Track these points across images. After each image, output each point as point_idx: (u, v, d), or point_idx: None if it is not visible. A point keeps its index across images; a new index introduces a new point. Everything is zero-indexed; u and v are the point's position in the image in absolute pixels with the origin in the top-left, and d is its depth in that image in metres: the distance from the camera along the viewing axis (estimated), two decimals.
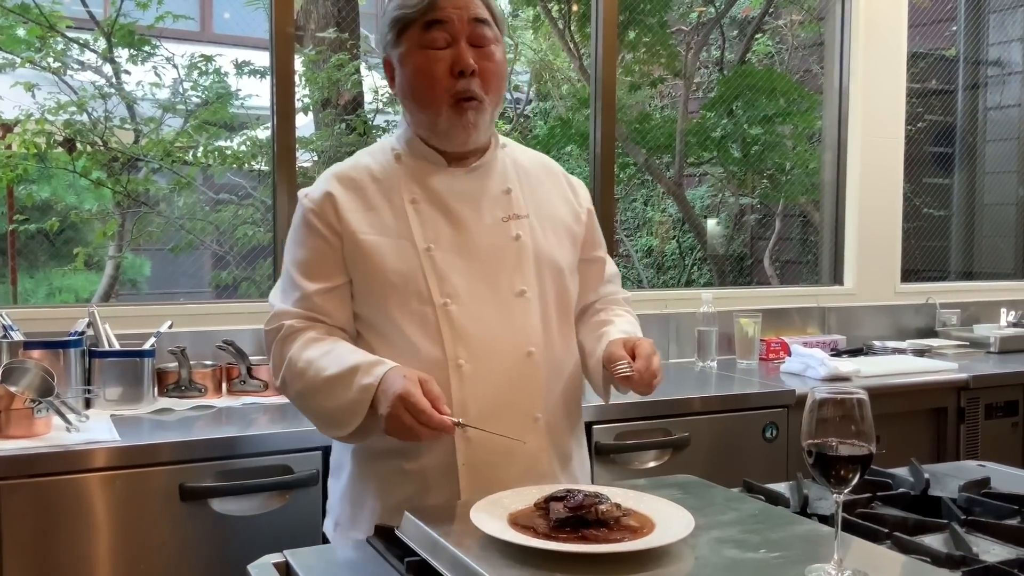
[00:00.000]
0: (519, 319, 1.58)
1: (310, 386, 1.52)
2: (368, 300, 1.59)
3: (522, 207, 1.64)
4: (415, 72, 1.56)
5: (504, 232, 1.61)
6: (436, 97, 1.55)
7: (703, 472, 1.67)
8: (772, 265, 5.60)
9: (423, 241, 1.57)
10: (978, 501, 1.54)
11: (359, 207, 1.59)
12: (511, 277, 1.59)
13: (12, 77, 3.88)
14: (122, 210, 4.11)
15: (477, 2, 1.57)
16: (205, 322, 2.67)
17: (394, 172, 1.62)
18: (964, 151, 5.44)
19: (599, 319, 1.74)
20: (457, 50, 1.54)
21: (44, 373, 2.11)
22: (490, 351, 1.55)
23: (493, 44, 1.58)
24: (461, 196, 1.61)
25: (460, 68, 1.54)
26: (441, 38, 1.55)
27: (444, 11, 1.54)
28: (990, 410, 3.07)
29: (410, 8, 1.55)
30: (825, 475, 1.13)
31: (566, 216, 1.71)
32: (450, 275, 1.56)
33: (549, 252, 1.64)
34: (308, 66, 4.45)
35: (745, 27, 5.76)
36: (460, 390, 1.53)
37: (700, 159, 5.65)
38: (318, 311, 1.58)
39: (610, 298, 1.81)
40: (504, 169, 1.67)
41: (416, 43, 1.56)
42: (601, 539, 1.18)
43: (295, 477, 2.09)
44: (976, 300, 4.00)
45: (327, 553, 1.41)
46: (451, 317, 1.54)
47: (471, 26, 1.55)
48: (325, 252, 1.58)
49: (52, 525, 1.90)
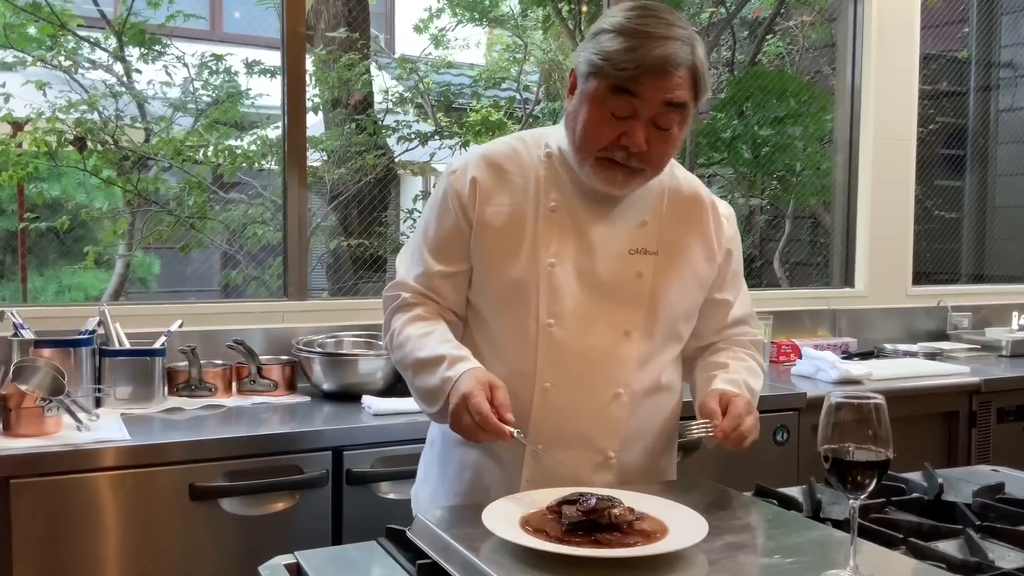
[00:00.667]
0: (617, 358, 1.55)
1: (404, 361, 1.57)
2: (480, 294, 1.60)
3: (653, 243, 1.58)
4: (585, 124, 1.48)
5: (628, 266, 1.57)
6: (588, 151, 1.49)
7: (713, 475, 1.66)
8: (782, 267, 5.58)
9: (548, 255, 1.54)
10: (992, 506, 1.52)
11: (498, 199, 1.57)
12: (622, 313, 1.56)
13: (23, 75, 3.89)
14: (132, 209, 4.12)
15: (683, 82, 1.44)
16: (215, 321, 2.67)
17: (541, 170, 1.58)
18: (976, 153, 5.41)
19: (715, 360, 1.67)
20: (633, 126, 1.45)
21: (55, 372, 2.11)
22: (579, 382, 1.54)
23: (677, 126, 1.48)
24: (598, 217, 1.56)
25: (626, 144, 1.46)
26: (625, 108, 1.44)
27: (641, 87, 1.42)
28: (1002, 414, 3.05)
29: (611, 66, 1.43)
30: (842, 480, 1.12)
31: (699, 257, 1.62)
32: (563, 296, 1.54)
33: (668, 296, 1.58)
34: (318, 66, 4.45)
35: (756, 28, 5.74)
36: (540, 411, 1.53)
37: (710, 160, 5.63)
38: (435, 291, 1.60)
39: (736, 338, 1.71)
40: (647, 197, 1.60)
41: (600, 97, 1.46)
42: (614, 543, 1.17)
43: (305, 477, 2.09)
44: (988, 303, 3.98)
45: (338, 554, 1.40)
46: (552, 338, 1.53)
47: (662, 108, 1.44)
48: (454, 236, 1.58)
49: (62, 524, 1.90)
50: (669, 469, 1.71)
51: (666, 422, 1.65)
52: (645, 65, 1.41)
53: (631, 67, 1.41)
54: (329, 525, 2.13)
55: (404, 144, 4.65)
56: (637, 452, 1.60)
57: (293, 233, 2.87)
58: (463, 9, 5.45)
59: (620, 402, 1.56)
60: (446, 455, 1.65)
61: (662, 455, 1.67)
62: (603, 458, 1.56)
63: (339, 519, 2.14)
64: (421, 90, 5.01)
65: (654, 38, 1.42)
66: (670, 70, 1.42)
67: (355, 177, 4.37)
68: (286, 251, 2.90)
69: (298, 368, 2.57)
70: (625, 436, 1.57)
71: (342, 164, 4.39)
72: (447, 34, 5.44)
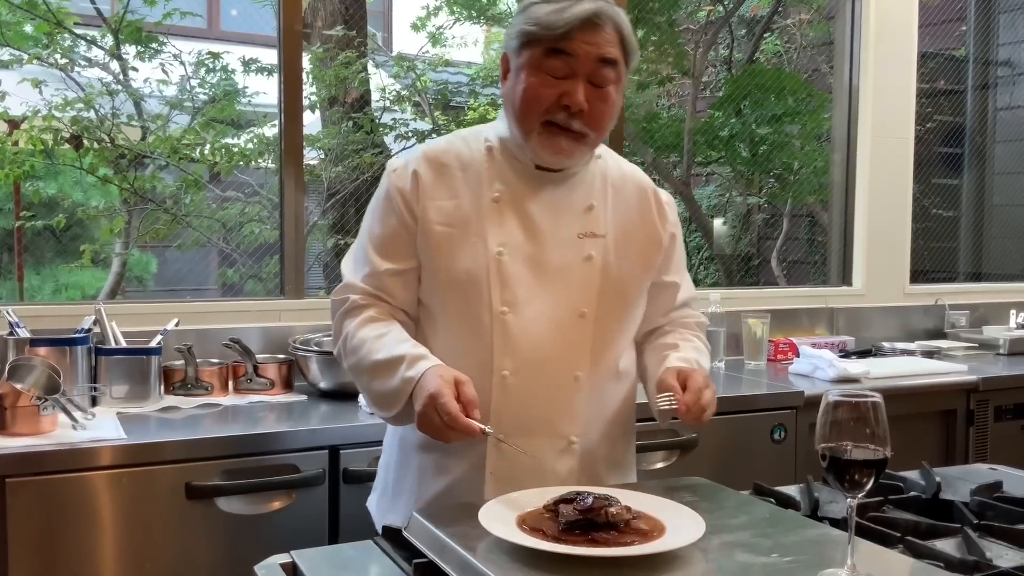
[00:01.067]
0: (573, 340, 1.57)
1: (359, 365, 1.55)
2: (431, 291, 1.59)
3: (601, 226, 1.61)
4: (524, 90, 1.52)
5: (577, 250, 1.58)
6: (531, 120, 1.52)
7: (710, 473, 1.66)
8: (779, 265, 5.58)
9: (496, 244, 1.55)
10: (990, 505, 1.52)
11: (442, 194, 1.58)
12: (574, 297, 1.57)
13: (19, 73, 3.88)
14: (129, 207, 4.11)
15: (612, 39, 1.51)
16: (212, 320, 2.66)
17: (483, 164, 1.59)
18: (973, 152, 5.41)
19: (665, 342, 1.70)
20: (573, 85, 1.49)
21: (50, 371, 2.10)
22: (537, 368, 1.54)
23: (613, 85, 1.53)
24: (543, 204, 1.58)
25: (567, 103, 1.49)
26: (561, 69, 1.49)
27: (574, 43, 1.48)
28: (999, 412, 3.05)
29: (542, 29, 1.49)
30: (839, 479, 1.12)
31: (645, 240, 1.66)
32: (514, 284, 1.54)
33: (618, 277, 1.61)
34: (315, 64, 4.44)
35: (754, 26, 5.74)
36: (500, 400, 1.53)
37: (708, 158, 5.63)
38: (384, 290, 1.59)
39: (681, 321, 1.76)
40: (592, 182, 1.63)
41: (535, 63, 1.51)
42: (611, 542, 1.17)
43: (301, 476, 2.08)
44: (985, 301, 3.98)
45: (334, 554, 1.40)
46: (506, 326, 1.53)
47: (596, 65, 1.50)
48: (400, 233, 1.58)
49: (58, 523, 1.89)
50: (629, 456, 1.72)
51: (624, 407, 1.67)
52: (575, 21, 1.47)
53: (562, 25, 1.47)
54: (326, 524, 2.12)
55: (401, 142, 4.64)
56: (597, 437, 1.61)
57: (290, 231, 2.87)
58: (460, 7, 5.44)
59: (579, 385, 1.57)
60: (404, 462, 1.64)
61: (621, 440, 1.69)
62: (566, 443, 1.57)
63: (336, 518, 2.13)
64: (418, 88, 5.00)
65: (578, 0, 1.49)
66: (599, 23, 1.48)
67: (352, 175, 4.36)
68: (283, 249, 2.89)
69: (295, 367, 2.57)
70: (586, 419, 1.58)
71: (339, 162, 4.38)
72: (444, 32, 5.44)
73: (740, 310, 3.26)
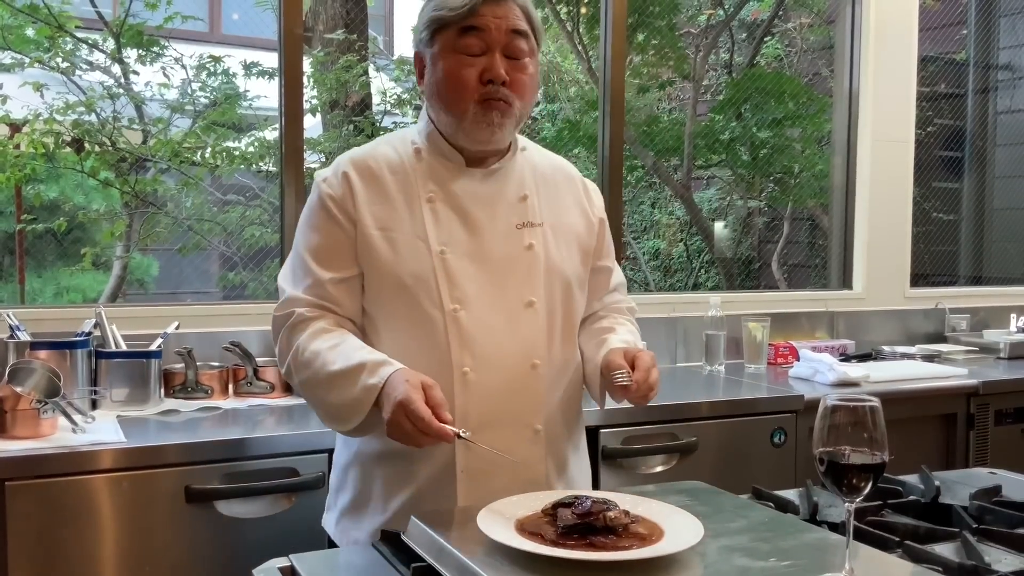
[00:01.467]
0: (526, 330, 1.58)
1: (314, 378, 1.52)
2: (377, 297, 1.58)
3: (537, 215, 1.63)
4: (446, 75, 1.55)
5: (517, 240, 1.60)
6: (463, 101, 1.54)
7: (710, 477, 1.66)
8: (780, 269, 5.58)
9: (437, 243, 1.55)
10: (989, 509, 1.52)
11: (375, 198, 1.58)
12: (521, 287, 1.59)
13: (21, 77, 3.88)
14: (130, 210, 4.11)
15: (518, 13, 1.55)
16: (212, 323, 2.66)
17: (412, 166, 1.60)
18: (974, 155, 5.41)
19: (601, 326, 1.73)
20: (491, 59, 1.53)
21: (50, 374, 2.11)
22: (496, 361, 1.55)
23: (528, 57, 1.57)
24: (477, 199, 1.60)
25: (490, 77, 1.53)
26: (476, 45, 1.53)
27: (483, 19, 1.53)
28: (1000, 416, 3.05)
29: (449, 11, 1.53)
30: (837, 483, 1.12)
31: (580, 227, 1.70)
32: (462, 280, 1.55)
33: (560, 264, 1.63)
34: (316, 67, 4.45)
35: (754, 30, 5.75)
36: (463, 397, 1.53)
37: (708, 162, 5.64)
38: (330, 300, 1.57)
39: (614, 306, 1.79)
40: (522, 174, 1.66)
41: (450, 46, 1.55)
42: (609, 546, 1.17)
43: (301, 480, 2.09)
44: (986, 305, 3.98)
45: (333, 558, 1.40)
46: (460, 324, 1.54)
47: (508, 37, 1.54)
48: (340, 240, 1.57)
49: (58, 526, 1.89)
50: (583, 439, 1.75)
51: (575, 391, 1.69)
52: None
53: (467, 2, 1.52)
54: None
55: None
56: (558, 422, 1.63)
57: (290, 235, 2.86)
58: None
59: (538, 373, 1.58)
60: (366, 476, 1.61)
61: (576, 423, 1.71)
62: (531, 432, 1.58)
63: None
64: (419, 91, 5.00)
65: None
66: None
67: None
68: (283, 253, 2.90)
69: None
70: (547, 406, 1.59)
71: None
72: None
73: (740, 313, 3.26)
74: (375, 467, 1.60)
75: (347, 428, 1.52)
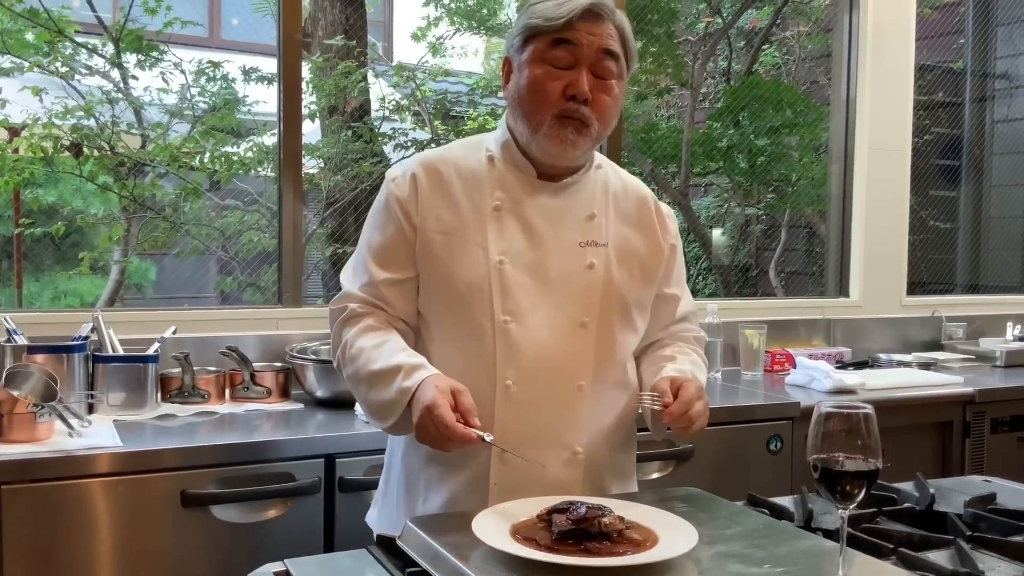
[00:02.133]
0: (576, 350, 1.56)
1: (357, 374, 1.55)
2: (430, 300, 1.58)
3: (602, 235, 1.61)
4: (530, 83, 1.53)
5: (579, 258, 1.58)
6: (542, 112, 1.52)
7: (707, 484, 1.66)
8: (777, 276, 5.59)
9: (497, 252, 1.54)
10: (984, 517, 1.52)
11: (440, 202, 1.57)
12: (576, 306, 1.56)
13: (20, 81, 3.89)
14: (128, 215, 4.12)
15: (613, 33, 1.54)
16: (209, 328, 2.67)
17: (483, 173, 1.59)
18: (971, 164, 5.43)
19: (662, 354, 1.70)
20: (577, 75, 1.51)
21: (47, 378, 2.11)
22: (541, 378, 1.53)
23: (615, 79, 1.55)
24: (544, 212, 1.58)
25: (573, 93, 1.50)
26: (565, 58, 1.51)
27: (577, 33, 1.51)
28: (996, 424, 3.05)
29: (545, 21, 1.51)
30: (831, 490, 1.12)
31: (647, 251, 1.66)
32: (516, 292, 1.54)
33: (620, 286, 1.60)
34: (315, 73, 4.46)
35: (752, 38, 5.76)
36: (504, 410, 1.52)
37: (706, 169, 5.64)
38: (382, 300, 1.58)
39: (680, 334, 1.75)
40: (593, 192, 1.63)
41: (539, 55, 1.53)
42: (604, 552, 1.17)
43: (297, 485, 2.09)
44: (982, 313, 3.98)
45: (328, 563, 1.40)
46: (508, 336, 1.52)
47: (599, 55, 1.52)
48: (399, 242, 1.57)
49: (53, 530, 1.89)
50: (630, 465, 1.71)
51: (626, 416, 1.66)
52: (577, 10, 1.50)
53: (564, 15, 1.50)
54: (321, 533, 2.13)
55: (400, 152, 4.65)
56: (602, 446, 1.60)
57: (288, 240, 2.87)
58: (461, 18, 5.46)
59: (583, 394, 1.56)
60: (410, 477, 1.63)
61: (623, 449, 1.68)
62: (570, 453, 1.56)
63: (331, 527, 2.13)
64: (418, 98, 5.02)
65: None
66: (601, 15, 1.52)
67: (351, 184, 4.37)
68: (281, 258, 2.90)
69: (292, 375, 2.57)
70: (590, 429, 1.57)
71: (338, 171, 4.39)
72: (445, 42, 5.46)
73: (737, 321, 3.26)
74: (417, 469, 1.61)
75: (385, 425, 1.54)
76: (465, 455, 1.51)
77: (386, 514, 1.68)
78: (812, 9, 5.70)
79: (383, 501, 1.71)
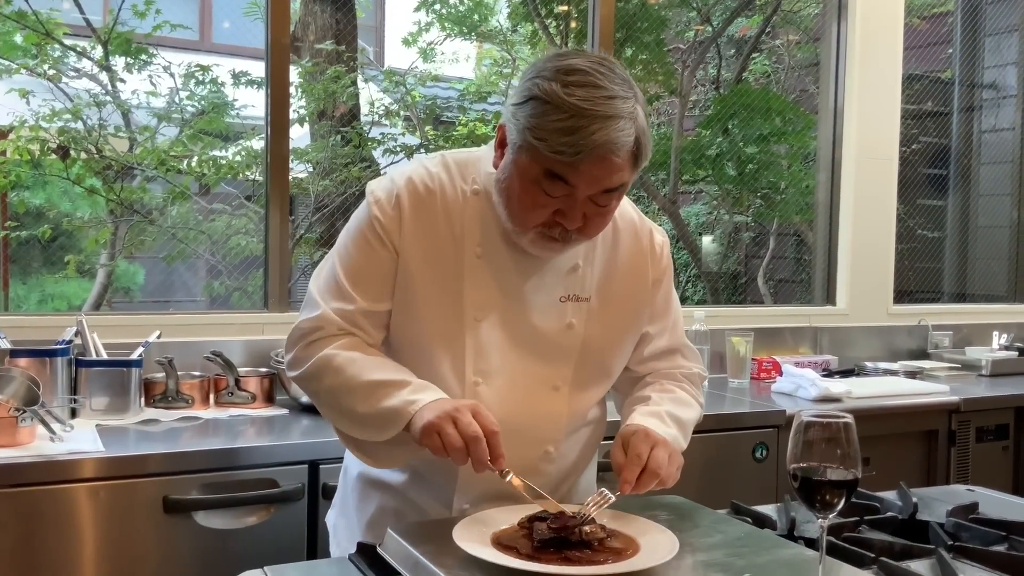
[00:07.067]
0: (546, 413, 1.50)
1: (347, 384, 1.42)
2: (399, 345, 1.50)
3: (585, 288, 1.52)
4: (519, 200, 1.37)
5: (558, 316, 1.50)
6: (527, 224, 1.39)
7: (692, 492, 1.66)
8: (766, 283, 5.60)
9: (474, 309, 1.46)
10: (965, 526, 1.53)
11: (423, 232, 1.46)
12: (551, 368, 1.50)
13: (7, 83, 3.88)
14: (115, 218, 4.10)
15: (624, 163, 1.33)
16: (194, 332, 2.66)
17: (466, 207, 1.47)
18: (958, 173, 5.45)
19: (640, 395, 1.60)
20: (571, 205, 1.35)
21: (29, 382, 2.09)
22: (507, 441, 1.36)
23: (615, 201, 1.40)
24: (526, 264, 1.48)
25: (562, 222, 1.36)
26: (559, 190, 1.33)
27: (578, 176, 1.31)
28: (981, 433, 3.07)
29: (548, 147, 1.30)
30: (810, 500, 1.13)
31: (634, 300, 1.56)
32: (490, 353, 1.46)
33: (600, 345, 1.53)
34: (305, 77, 4.45)
35: (742, 46, 5.78)
36: (468, 469, 1.42)
37: (695, 177, 5.66)
38: (357, 326, 1.47)
39: (664, 372, 1.64)
40: None
41: (534, 178, 1.34)
42: (584, 560, 1.17)
43: (280, 491, 2.08)
44: (968, 323, 4.00)
45: (309, 570, 1.40)
46: (478, 397, 1.44)
47: (599, 194, 1.35)
48: (378, 266, 1.47)
49: (35, 535, 1.88)
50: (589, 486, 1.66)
51: (589, 449, 1.62)
52: (584, 152, 1.29)
53: (569, 152, 1.29)
54: (304, 539, 2.12)
55: (390, 157, 4.65)
56: (568, 487, 1.58)
57: (274, 244, 2.87)
58: (452, 23, 5.47)
59: (549, 457, 1.52)
60: (364, 495, 1.58)
61: (583, 475, 1.63)
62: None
63: (314, 533, 2.12)
64: (408, 103, 5.02)
65: (596, 119, 1.29)
66: (612, 157, 1.31)
67: (340, 189, 4.37)
68: (267, 262, 2.89)
69: (277, 381, 2.56)
70: (556, 485, 1.54)
71: (327, 176, 4.39)
72: (436, 48, 5.46)
73: (724, 328, 3.27)
74: (371, 491, 1.57)
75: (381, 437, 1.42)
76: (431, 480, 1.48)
77: (343, 525, 1.63)
78: (801, 18, 5.72)
79: (340, 507, 1.67)
